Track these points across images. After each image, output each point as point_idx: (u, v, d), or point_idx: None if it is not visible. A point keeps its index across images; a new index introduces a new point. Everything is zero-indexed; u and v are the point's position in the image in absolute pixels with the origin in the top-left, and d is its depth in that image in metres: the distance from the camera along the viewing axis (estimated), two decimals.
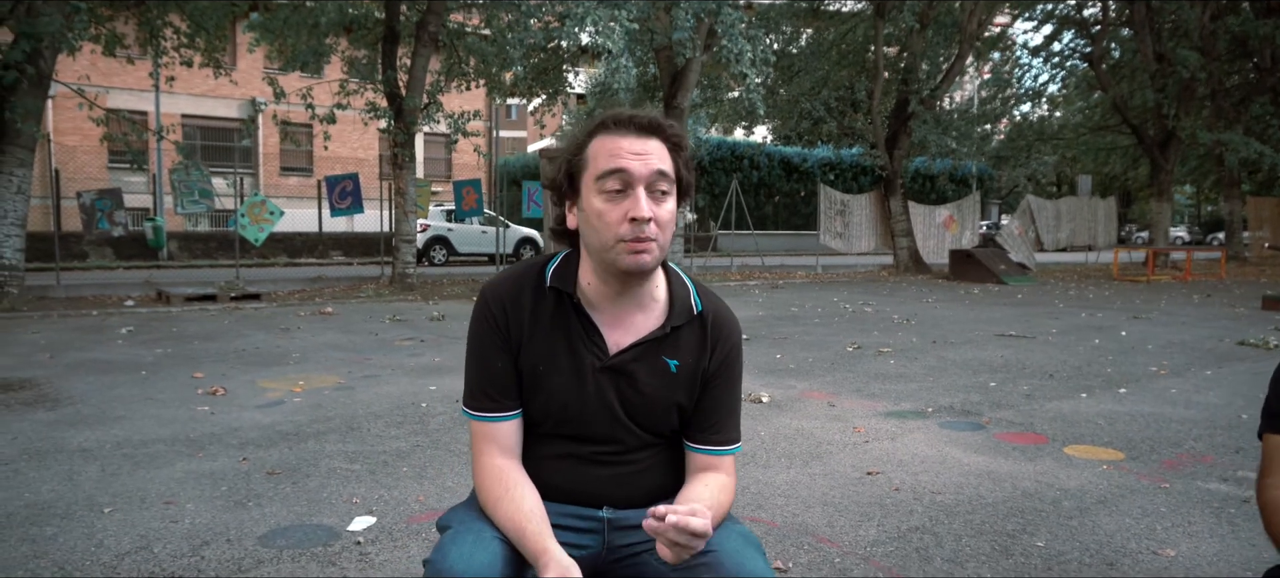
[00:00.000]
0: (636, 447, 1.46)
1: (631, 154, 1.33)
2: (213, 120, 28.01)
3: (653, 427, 1.46)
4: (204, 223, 23.97)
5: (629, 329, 1.43)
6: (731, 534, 1.40)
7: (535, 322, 1.42)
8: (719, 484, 1.43)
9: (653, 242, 1.33)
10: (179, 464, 3.74)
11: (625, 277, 1.37)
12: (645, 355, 1.43)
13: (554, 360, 1.41)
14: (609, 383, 1.42)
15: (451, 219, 21.83)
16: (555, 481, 1.43)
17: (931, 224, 19.56)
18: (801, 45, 20.39)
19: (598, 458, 1.45)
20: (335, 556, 2.74)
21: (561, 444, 1.45)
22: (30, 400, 5.07)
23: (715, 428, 1.48)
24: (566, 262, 1.45)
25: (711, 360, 1.47)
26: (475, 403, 1.43)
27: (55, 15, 9.74)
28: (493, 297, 1.43)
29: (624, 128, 1.35)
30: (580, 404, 1.42)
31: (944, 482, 3.52)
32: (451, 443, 4.12)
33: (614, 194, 1.33)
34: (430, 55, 13.37)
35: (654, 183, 1.33)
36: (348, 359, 6.64)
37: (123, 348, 7.21)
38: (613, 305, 1.42)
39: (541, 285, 1.44)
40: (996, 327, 8.94)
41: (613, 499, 1.46)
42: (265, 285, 12.59)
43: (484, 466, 1.41)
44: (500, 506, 1.35)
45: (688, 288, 1.49)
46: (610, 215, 1.33)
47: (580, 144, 1.39)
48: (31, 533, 2.92)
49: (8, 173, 10.13)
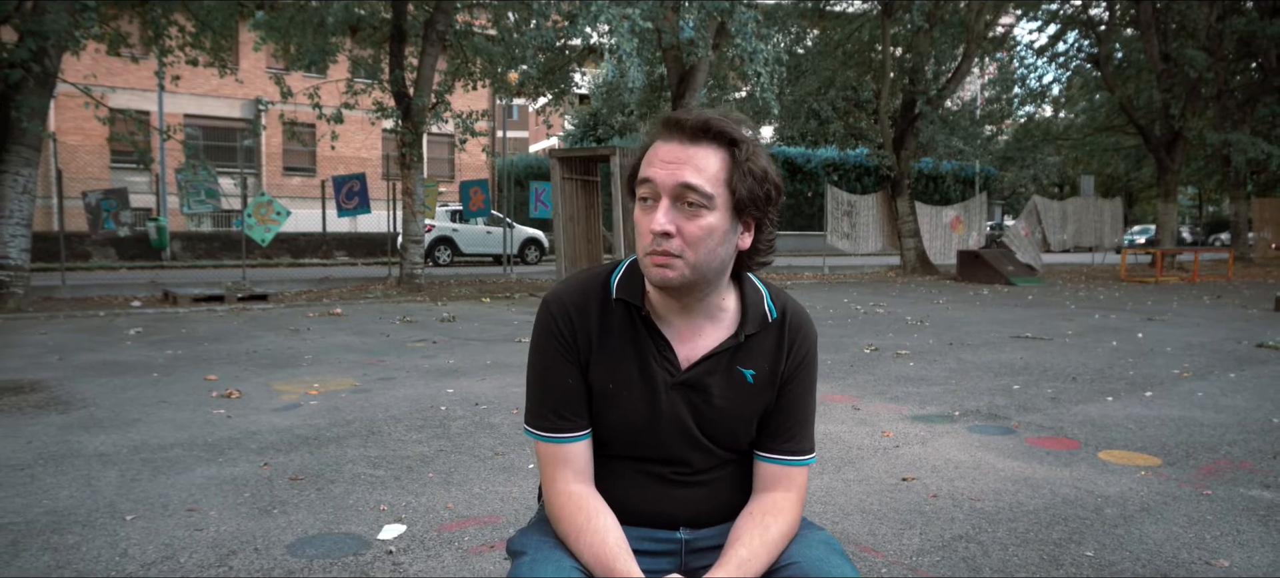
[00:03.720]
0: (712, 465, 1.39)
1: (662, 163, 1.24)
2: (215, 120, 27.95)
3: (729, 443, 1.38)
4: (207, 223, 23.90)
5: (700, 342, 1.35)
6: (812, 543, 1.34)
7: (603, 336, 1.34)
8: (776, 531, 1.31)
9: (677, 257, 1.23)
10: (199, 470, 3.67)
11: (674, 290, 1.28)
12: (719, 367, 1.35)
13: (625, 378, 1.33)
14: (682, 399, 1.34)
15: (456, 219, 21.76)
16: (629, 502, 1.36)
17: (938, 225, 19.49)
18: (808, 45, 20.32)
19: (672, 478, 1.38)
20: (367, 566, 2.66)
21: (634, 464, 1.37)
22: (42, 403, 5.00)
23: (789, 435, 1.40)
24: (631, 271, 1.37)
25: (788, 363, 1.39)
26: (544, 423, 1.35)
27: (61, 14, 9.67)
28: (558, 309, 1.35)
29: (670, 132, 1.26)
30: (653, 423, 1.34)
31: (981, 488, 3.44)
32: (475, 448, 4.05)
33: (644, 203, 1.26)
34: (438, 55, 13.30)
35: (680, 195, 1.22)
36: (361, 361, 6.56)
37: (132, 349, 7.14)
38: (681, 317, 1.34)
39: (607, 297, 1.36)
40: (1011, 328, 8.87)
41: (689, 520, 1.39)
42: (272, 286, 12.52)
43: (558, 491, 1.33)
44: (582, 537, 1.27)
45: (761, 294, 1.40)
46: (641, 225, 1.27)
47: (644, 148, 1.31)
48: (53, 542, 2.85)
49: (13, 172, 10.06)
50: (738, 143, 1.24)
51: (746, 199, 1.25)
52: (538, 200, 15.72)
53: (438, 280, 14.83)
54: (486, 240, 22.11)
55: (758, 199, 1.26)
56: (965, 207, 20.44)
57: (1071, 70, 23.94)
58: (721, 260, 1.28)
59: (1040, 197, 20.67)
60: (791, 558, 1.30)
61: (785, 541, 1.32)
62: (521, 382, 5.63)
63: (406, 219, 13.36)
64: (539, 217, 16.59)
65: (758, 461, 1.40)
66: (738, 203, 1.25)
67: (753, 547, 1.28)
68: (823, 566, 1.27)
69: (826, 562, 1.28)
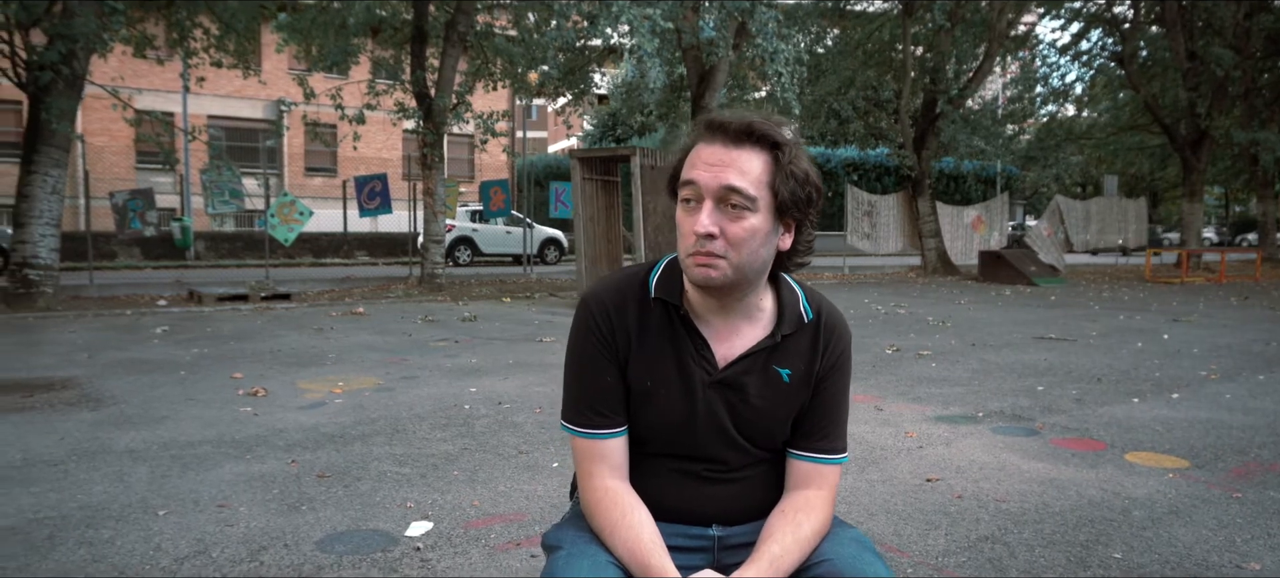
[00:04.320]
0: (746, 463, 1.40)
1: (705, 165, 1.25)
2: (238, 121, 28.23)
3: (764, 441, 1.40)
4: (230, 223, 24.14)
5: (737, 341, 1.37)
6: (844, 540, 1.34)
7: (642, 334, 1.36)
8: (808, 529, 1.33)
9: (720, 258, 1.25)
10: (228, 466, 3.71)
11: (711, 289, 1.30)
12: (756, 367, 1.36)
13: (663, 376, 1.35)
14: (719, 398, 1.36)
15: (476, 219, 21.85)
16: (663, 499, 1.37)
17: (959, 225, 19.36)
18: (828, 45, 20.26)
19: (707, 475, 1.39)
20: (396, 562, 2.69)
21: (669, 461, 1.39)
22: (73, 400, 5.08)
23: (822, 433, 1.41)
24: (669, 271, 1.39)
25: (822, 363, 1.40)
26: (582, 419, 1.36)
27: (90, 17, 9.80)
28: (597, 307, 1.37)
29: (714, 135, 1.27)
30: (690, 421, 1.35)
31: (1007, 489, 3.43)
32: (499, 446, 4.07)
33: (687, 205, 1.28)
34: (459, 55, 13.36)
35: (723, 197, 1.24)
36: (384, 360, 6.61)
37: (159, 348, 7.23)
38: (719, 317, 1.36)
39: (645, 296, 1.37)
40: (1034, 329, 8.81)
41: (722, 517, 1.40)
42: (295, 285, 12.64)
43: (594, 487, 1.34)
44: (617, 532, 1.29)
45: (797, 295, 1.42)
46: (683, 226, 1.28)
47: (686, 149, 1.33)
48: (88, 536, 2.89)
49: (43, 173, 10.21)
50: (780, 145, 1.26)
51: (788, 201, 1.26)
52: (558, 200, 15.76)
53: (458, 280, 14.92)
54: (506, 240, 22.19)
55: (799, 201, 1.28)
56: (987, 207, 20.30)
57: (1095, 69, 23.72)
58: (763, 261, 1.30)
59: (1063, 197, 20.50)
60: (824, 556, 1.31)
61: (817, 538, 1.33)
62: (543, 381, 5.69)
63: (428, 219, 13.43)
64: (559, 217, 16.63)
65: (791, 459, 1.41)
66: (780, 205, 1.26)
67: (785, 544, 1.29)
68: (855, 563, 1.28)
69: (859, 560, 1.29)
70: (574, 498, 1.51)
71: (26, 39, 10.31)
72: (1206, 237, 42.10)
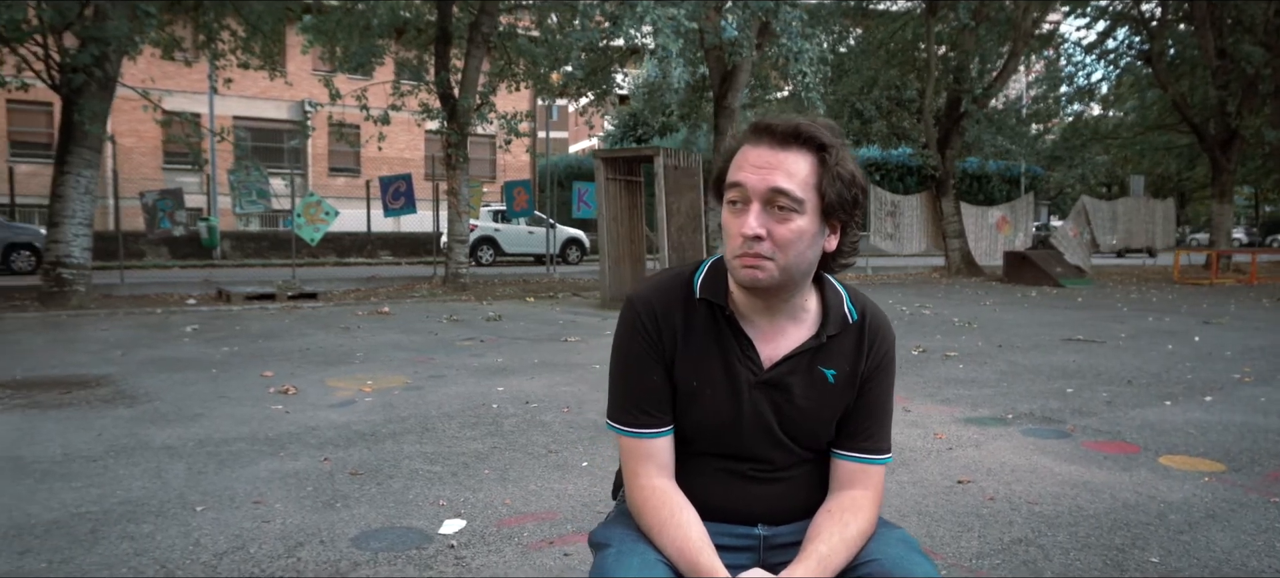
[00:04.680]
0: (791, 463, 1.41)
1: (752, 167, 1.27)
2: (263, 122, 28.53)
3: (809, 442, 1.41)
4: (255, 223, 24.39)
5: (782, 341, 1.38)
6: (890, 540, 1.35)
7: (688, 335, 1.37)
8: (855, 529, 1.34)
9: (768, 260, 1.27)
10: (262, 463, 3.76)
11: (756, 290, 1.31)
12: (800, 367, 1.38)
13: (709, 376, 1.36)
14: (765, 398, 1.37)
15: (499, 219, 21.95)
16: (709, 498, 1.38)
17: (983, 225, 19.22)
18: (850, 44, 20.17)
19: (752, 474, 1.40)
20: (431, 559, 2.72)
21: (715, 461, 1.40)
22: (109, 397, 5.16)
23: (867, 433, 1.42)
24: (714, 272, 1.40)
25: (867, 363, 1.41)
26: (629, 418, 1.38)
27: (122, 19, 9.94)
28: (643, 307, 1.38)
29: (761, 137, 1.29)
30: (736, 421, 1.37)
31: (1039, 492, 3.41)
32: (528, 445, 4.10)
33: (734, 207, 1.29)
34: (483, 56, 13.43)
35: (771, 199, 1.25)
36: (412, 359, 6.67)
37: (190, 346, 7.33)
38: (764, 317, 1.37)
39: (690, 297, 1.39)
40: (1062, 331, 8.73)
41: (768, 516, 1.41)
42: (320, 285, 12.76)
43: (642, 486, 1.36)
44: (665, 531, 1.30)
45: (841, 295, 1.43)
46: (730, 227, 1.30)
47: (731, 152, 1.34)
48: (130, 530, 2.94)
49: (76, 173, 10.37)
50: (827, 148, 1.27)
51: (835, 203, 1.27)
52: (581, 201, 15.80)
53: (482, 280, 15.00)
54: (528, 240, 22.28)
55: (846, 203, 1.29)
56: (1012, 207, 20.14)
57: (1121, 68, 23.44)
58: (809, 262, 1.31)
59: (1089, 197, 20.29)
60: (871, 555, 1.32)
61: (864, 538, 1.34)
62: (570, 381, 5.71)
63: (452, 219, 13.51)
64: (581, 217, 16.66)
65: (836, 459, 1.42)
66: (826, 206, 1.28)
67: (832, 543, 1.30)
68: (903, 563, 1.29)
69: (907, 560, 1.30)
70: (619, 496, 1.53)
71: (60, 42, 10.48)
72: (1236, 237, 41.51)
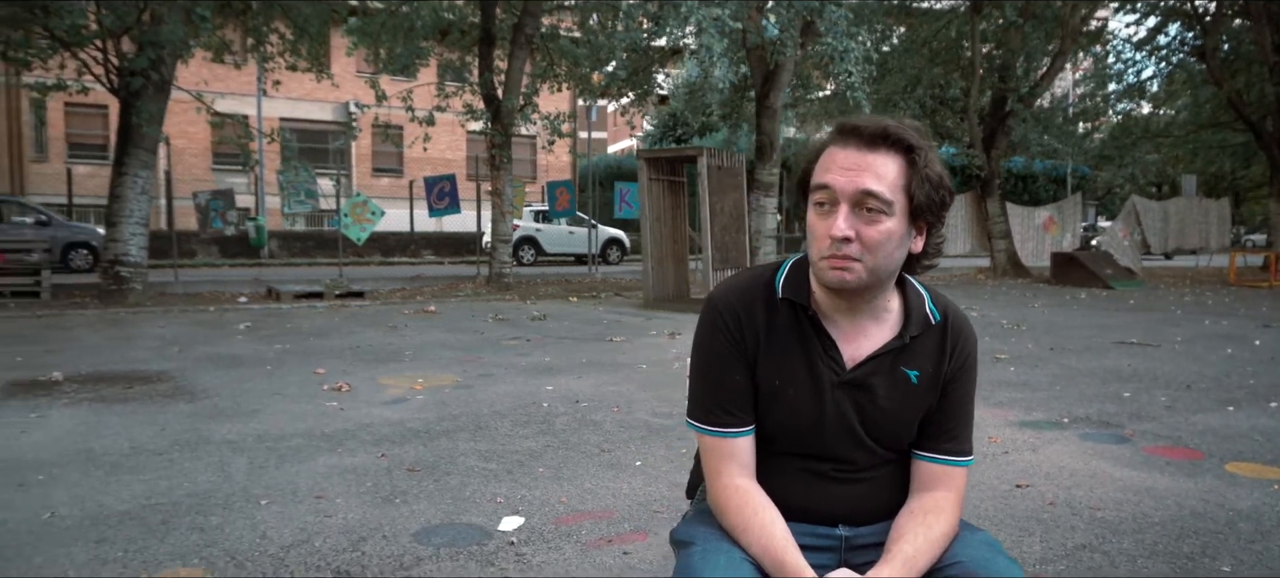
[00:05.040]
0: (873, 464, 1.41)
1: (841, 169, 1.27)
2: (308, 122, 29.01)
3: (891, 443, 1.41)
4: (301, 222, 24.82)
5: (864, 342, 1.38)
6: (974, 543, 1.35)
7: (770, 334, 1.38)
8: (939, 530, 1.33)
9: (856, 261, 1.27)
10: (320, 459, 3.83)
11: (840, 290, 1.32)
12: (883, 368, 1.38)
13: (791, 376, 1.37)
14: (847, 398, 1.37)
15: (540, 219, 22.09)
16: (790, 498, 1.38)
17: (1030, 226, 18.92)
18: (893, 43, 19.98)
19: (833, 475, 1.40)
20: (492, 556, 2.75)
21: (796, 461, 1.41)
22: (169, 393, 5.29)
23: (950, 435, 1.42)
24: (795, 271, 1.41)
25: (950, 364, 1.41)
26: (711, 417, 1.39)
27: (177, 24, 10.19)
28: (725, 306, 1.39)
29: (847, 139, 1.29)
30: (819, 422, 1.37)
31: (1101, 497, 3.35)
32: (581, 444, 4.12)
33: (821, 209, 1.29)
34: (526, 57, 13.53)
35: (860, 201, 1.26)
36: (460, 358, 6.74)
37: (243, 343, 7.48)
38: (846, 318, 1.38)
39: (772, 296, 1.40)
40: (1114, 333, 8.56)
41: (849, 517, 1.41)
42: (367, 284, 12.94)
43: (724, 485, 1.37)
44: (750, 530, 1.31)
45: (923, 297, 1.43)
46: (817, 229, 1.30)
47: (815, 153, 1.35)
48: (199, 522, 3.02)
49: (132, 174, 10.65)
50: (916, 149, 1.27)
51: (924, 205, 1.28)
52: (623, 201, 15.82)
53: (524, 279, 15.11)
54: (569, 240, 22.39)
55: (934, 205, 1.29)
56: (1058, 207, 19.80)
57: (1173, 64, 22.88)
58: (896, 264, 1.32)
59: (1139, 197, 19.86)
60: (955, 557, 1.32)
61: (948, 539, 1.34)
62: (617, 380, 5.74)
63: (495, 219, 13.63)
64: (623, 217, 16.70)
65: (918, 460, 1.42)
66: (915, 208, 1.28)
67: (917, 544, 1.30)
68: (988, 565, 1.28)
69: (992, 562, 1.29)
70: (698, 494, 1.54)
71: (118, 46, 10.76)
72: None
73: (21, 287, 10.87)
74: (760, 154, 14.74)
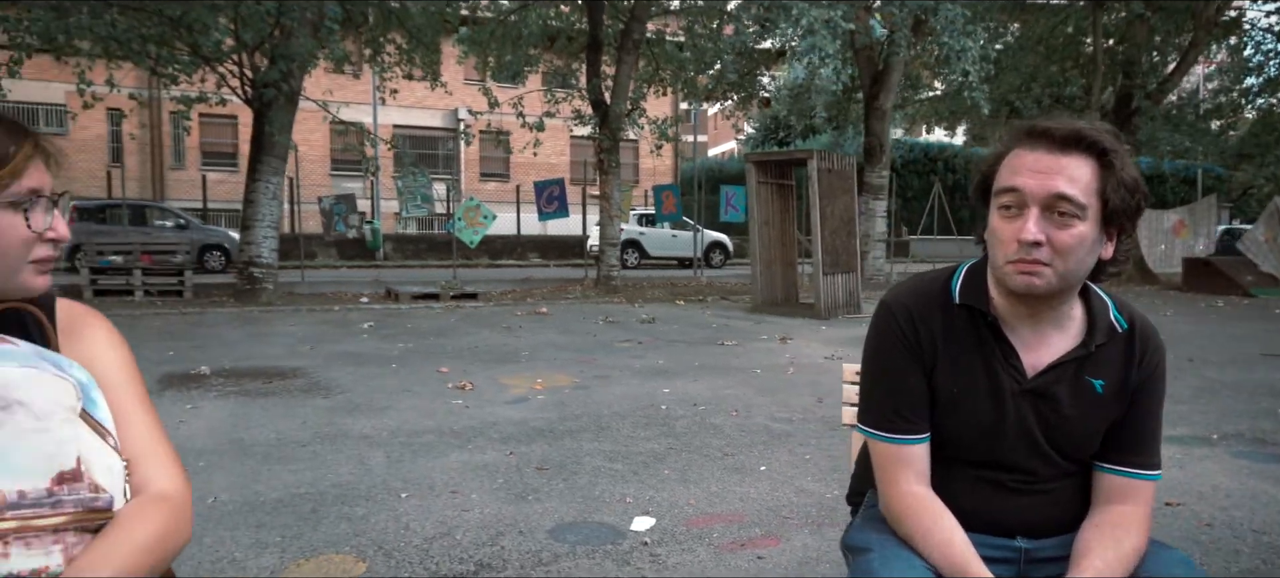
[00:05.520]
0: (1054, 475, 1.37)
1: (1031, 172, 1.23)
2: (419, 129, 30.01)
3: (1074, 453, 1.36)
4: (412, 226, 25.70)
5: (1047, 349, 1.34)
6: (1169, 562, 1.29)
7: (948, 340, 1.35)
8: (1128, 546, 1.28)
9: (1046, 266, 1.23)
10: (452, 455, 3.96)
11: (1024, 296, 1.28)
12: (1067, 376, 1.33)
13: (971, 383, 1.34)
14: (1029, 407, 1.33)
15: (643, 223, 22.23)
16: (967, 508, 1.35)
17: (1158, 229, 17.90)
18: (1008, 41, 19.26)
19: (1012, 485, 1.37)
20: (627, 555, 2.79)
21: (972, 469, 1.38)
22: (306, 388, 5.56)
23: (1138, 448, 1.36)
24: (973, 276, 1.38)
25: (1138, 374, 1.36)
26: (887, 423, 1.37)
27: (306, 38, 10.72)
28: (900, 311, 1.38)
29: (1037, 142, 1.25)
30: (998, 430, 1.34)
31: (1264, 520, 3.15)
32: (703, 447, 4.13)
33: (1008, 212, 1.26)
34: (634, 62, 13.66)
35: (1051, 205, 1.22)
36: (575, 359, 6.85)
37: (368, 342, 7.80)
38: (1027, 325, 1.34)
39: (949, 302, 1.37)
40: (1259, 345, 8.02)
41: (1027, 529, 1.37)
42: (479, 285, 13.30)
43: (901, 492, 1.35)
44: (930, 538, 1.29)
45: (1107, 304, 1.38)
46: (1001, 233, 1.26)
47: (998, 155, 1.31)
48: (346, 512, 3.17)
49: (264, 180, 11.25)
50: (1110, 152, 1.23)
51: (1118, 210, 1.24)
52: (728, 205, 15.77)
53: (630, 282, 15.24)
54: (672, 244, 22.45)
55: (1129, 210, 1.25)
56: (1190, 210, 18.66)
57: None
58: (1086, 270, 1.28)
59: None
60: (1147, 574, 1.26)
61: (1137, 556, 1.29)
62: (732, 384, 5.72)
63: (604, 223, 13.80)
64: (729, 220, 16.63)
65: (1101, 473, 1.37)
66: (1108, 213, 1.24)
67: (1107, 559, 1.25)
68: None
69: None
70: (866, 500, 1.52)
71: (253, 60, 11.39)
72: None
73: (167, 286, 11.64)
74: (869, 156, 14.47)
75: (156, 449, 1.08)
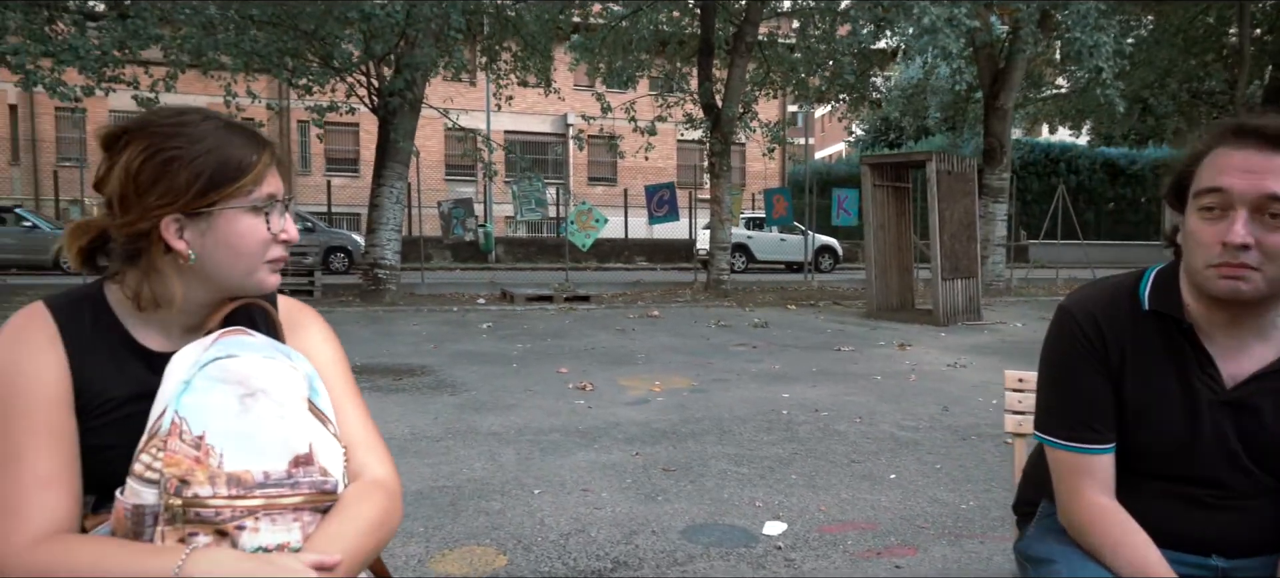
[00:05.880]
0: (1253, 492, 1.29)
1: (1239, 172, 1.17)
2: (528, 135, 30.70)
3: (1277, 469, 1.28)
4: (522, 229, 26.31)
5: (1248, 359, 1.27)
6: None
7: (1137, 348, 1.30)
8: None
9: (1254, 270, 1.16)
10: (579, 454, 4.04)
11: (1224, 303, 1.22)
12: (1272, 388, 1.26)
13: (1164, 394, 1.28)
14: (1228, 419, 1.27)
15: (750, 227, 22.10)
16: (1157, 523, 1.30)
17: None
18: (1141, 34, 18.26)
19: (1206, 500, 1.30)
20: (761, 559, 2.78)
21: (1162, 483, 1.32)
22: (433, 386, 5.78)
23: None
24: (1163, 281, 1.32)
25: None
26: (1068, 432, 1.33)
27: (429, 48, 11.13)
28: (1083, 316, 1.33)
29: (1245, 139, 1.19)
30: (1192, 443, 1.28)
31: None
32: (828, 453, 4.09)
33: (1210, 213, 1.19)
34: (746, 66, 13.61)
35: (1262, 206, 1.15)
36: (690, 362, 6.87)
37: (488, 341, 8.03)
38: (1225, 333, 1.27)
39: (1137, 308, 1.32)
40: None
41: (1223, 547, 1.30)
42: (591, 288, 13.50)
43: (1086, 504, 1.31)
44: (1120, 551, 1.24)
45: None
46: (1203, 236, 1.20)
47: (1197, 154, 1.25)
48: (483, 506, 3.28)
49: (389, 185, 11.74)
50: None
51: None
52: (840, 208, 15.49)
53: (740, 286, 15.17)
54: (780, 248, 22.23)
55: None
56: None
57: None
58: None
59: None
60: None
61: None
62: (853, 390, 5.63)
63: (714, 227, 13.79)
64: (841, 224, 16.35)
65: None
66: None
67: None
68: None
69: None
70: (1041, 510, 1.47)
71: (379, 70, 11.91)
72: None
73: (298, 286, 12.29)
74: (989, 158, 13.96)
75: (369, 438, 1.16)
